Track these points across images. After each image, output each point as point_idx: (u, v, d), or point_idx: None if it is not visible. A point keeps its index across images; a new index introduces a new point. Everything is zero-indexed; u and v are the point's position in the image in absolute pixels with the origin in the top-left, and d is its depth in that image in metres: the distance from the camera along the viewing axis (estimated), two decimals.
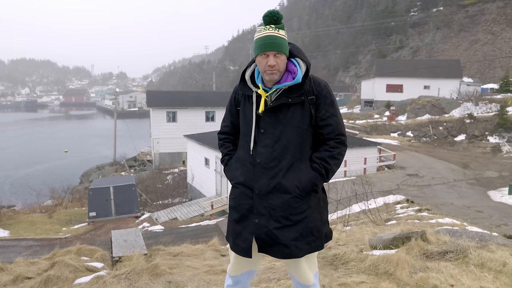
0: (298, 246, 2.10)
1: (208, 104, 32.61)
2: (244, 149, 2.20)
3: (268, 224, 2.10)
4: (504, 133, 27.37)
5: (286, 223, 2.09)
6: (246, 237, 2.15)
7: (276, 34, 2.04)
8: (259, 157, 2.11)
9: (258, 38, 2.06)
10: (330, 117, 2.12)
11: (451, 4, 68.06)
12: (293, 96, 2.08)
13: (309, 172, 2.11)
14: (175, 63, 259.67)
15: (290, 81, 2.08)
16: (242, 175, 2.17)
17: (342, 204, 9.84)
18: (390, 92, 46.07)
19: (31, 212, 20.30)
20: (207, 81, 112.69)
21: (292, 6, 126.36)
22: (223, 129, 2.37)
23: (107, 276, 4.13)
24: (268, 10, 2.10)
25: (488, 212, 12.74)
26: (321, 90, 2.12)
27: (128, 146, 40.51)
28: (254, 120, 2.13)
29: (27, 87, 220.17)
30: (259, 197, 2.11)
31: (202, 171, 22.00)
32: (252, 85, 2.15)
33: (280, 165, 2.09)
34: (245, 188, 2.16)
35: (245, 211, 2.15)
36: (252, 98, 2.15)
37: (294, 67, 2.11)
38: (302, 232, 2.10)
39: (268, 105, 2.10)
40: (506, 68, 49.37)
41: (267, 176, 2.10)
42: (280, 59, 2.05)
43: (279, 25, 2.08)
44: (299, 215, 2.09)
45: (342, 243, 5.02)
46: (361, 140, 23.83)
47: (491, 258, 3.60)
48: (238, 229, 2.18)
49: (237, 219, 2.19)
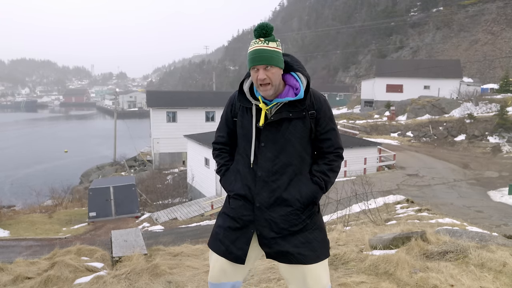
0: (301, 253, 2.10)
1: (208, 104, 32.60)
2: (243, 161, 2.18)
3: (268, 235, 2.11)
4: (504, 133, 27.38)
5: (286, 233, 2.10)
6: (241, 246, 2.14)
7: (264, 48, 2.01)
8: (260, 171, 2.11)
9: (249, 52, 2.05)
10: (329, 132, 2.15)
11: (451, 4, 68.09)
12: (295, 111, 2.07)
13: (310, 185, 2.13)
14: (175, 63, 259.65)
15: (292, 96, 2.07)
16: (242, 188, 2.16)
17: (342, 204, 9.85)
18: (390, 92, 46.10)
19: (31, 212, 20.30)
20: (207, 81, 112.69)
21: (292, 6, 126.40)
22: (219, 139, 2.33)
23: (107, 276, 4.13)
24: (258, 24, 2.06)
25: (488, 212, 12.74)
26: (321, 106, 2.13)
27: (128, 146, 40.52)
28: (254, 133, 2.12)
29: (27, 87, 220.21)
30: (260, 210, 2.11)
31: (202, 171, 22.00)
32: (251, 98, 2.13)
33: (282, 178, 2.10)
34: (245, 201, 2.15)
35: (245, 222, 2.15)
36: (252, 111, 2.13)
37: (296, 82, 2.10)
38: (302, 239, 2.11)
39: (269, 118, 2.09)
40: (506, 68, 49.38)
41: (268, 189, 2.10)
42: (271, 72, 2.01)
43: (269, 37, 2.04)
44: (299, 225, 2.11)
45: (342, 243, 5.02)
46: (361, 140, 23.84)
47: (491, 258, 3.60)
48: (233, 236, 2.16)
49: (233, 227, 2.17)
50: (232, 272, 2.22)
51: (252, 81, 2.14)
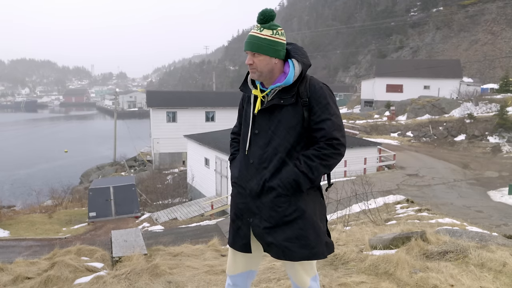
0: (290, 248, 2.06)
1: (208, 104, 32.60)
2: (241, 149, 2.25)
3: (260, 224, 2.12)
4: (504, 133, 27.37)
5: (275, 223, 2.08)
6: (244, 233, 2.19)
7: (256, 34, 2.06)
8: (252, 158, 2.15)
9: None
10: (324, 121, 2.04)
11: (451, 4, 68.10)
12: (285, 97, 2.07)
13: (291, 169, 2.06)
14: (175, 63, 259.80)
15: (281, 82, 2.09)
16: (238, 175, 2.23)
17: (342, 204, 9.83)
18: (390, 92, 46.09)
19: (31, 212, 20.29)
20: (207, 81, 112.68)
21: (292, 6, 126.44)
22: (233, 129, 2.45)
23: (107, 276, 4.13)
24: (262, 9, 2.10)
25: (488, 212, 12.74)
26: (315, 93, 2.06)
27: (128, 146, 40.54)
28: (251, 120, 2.17)
29: (27, 87, 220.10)
30: (251, 197, 2.14)
31: (202, 171, 22.00)
32: (251, 86, 2.18)
33: (270, 166, 2.10)
34: (240, 187, 2.21)
35: (240, 210, 2.20)
36: (254, 99, 2.18)
37: (288, 68, 2.11)
38: (293, 234, 2.06)
39: (264, 106, 2.13)
40: (506, 68, 49.38)
41: (258, 176, 2.12)
42: (258, 59, 2.06)
43: (265, 24, 2.07)
44: (289, 216, 2.06)
45: (342, 243, 5.02)
46: (361, 140, 23.83)
47: (491, 258, 3.60)
48: (236, 226, 2.23)
49: (233, 217, 2.24)
50: (243, 262, 2.29)
51: None
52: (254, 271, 2.37)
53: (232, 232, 2.26)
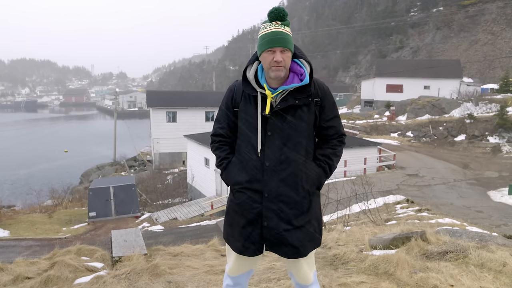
0: (305, 246, 2.14)
1: (208, 104, 32.59)
2: (248, 152, 2.12)
3: (277, 227, 2.09)
4: (504, 133, 27.37)
5: (296, 224, 2.10)
6: (256, 239, 2.14)
7: (282, 30, 2.00)
8: (268, 160, 2.07)
9: (264, 34, 2.01)
10: (333, 119, 2.18)
11: (451, 4, 68.07)
12: (301, 98, 2.06)
13: (315, 169, 2.15)
14: (175, 63, 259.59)
15: (297, 83, 2.04)
16: (249, 179, 2.11)
17: (342, 204, 9.84)
18: (390, 92, 46.08)
19: (31, 212, 20.29)
20: (207, 81, 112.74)
21: (292, 6, 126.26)
22: (218, 131, 2.25)
23: (107, 276, 4.13)
24: (273, 7, 2.06)
25: (488, 212, 12.74)
26: (325, 93, 2.16)
27: (128, 146, 40.52)
28: (260, 122, 2.08)
29: (27, 87, 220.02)
30: (269, 201, 2.09)
31: (202, 171, 22.01)
32: (256, 85, 2.09)
33: (290, 167, 2.08)
34: (252, 192, 2.11)
35: (254, 215, 2.12)
36: (257, 99, 2.09)
37: (300, 68, 2.08)
38: (309, 232, 2.15)
39: (274, 106, 2.06)
40: (506, 68, 49.38)
41: (277, 179, 2.08)
42: (286, 56, 2.01)
43: (285, 21, 2.04)
44: (306, 215, 2.12)
45: (342, 243, 5.02)
46: (361, 140, 23.83)
47: (491, 258, 3.60)
48: (247, 232, 2.15)
49: (244, 224, 2.14)
50: (247, 264, 2.31)
51: (256, 69, 2.12)
52: (253, 269, 2.43)
53: (241, 240, 2.16)
